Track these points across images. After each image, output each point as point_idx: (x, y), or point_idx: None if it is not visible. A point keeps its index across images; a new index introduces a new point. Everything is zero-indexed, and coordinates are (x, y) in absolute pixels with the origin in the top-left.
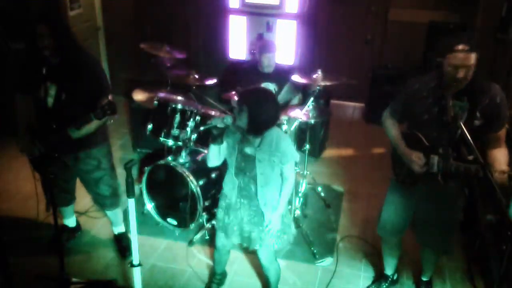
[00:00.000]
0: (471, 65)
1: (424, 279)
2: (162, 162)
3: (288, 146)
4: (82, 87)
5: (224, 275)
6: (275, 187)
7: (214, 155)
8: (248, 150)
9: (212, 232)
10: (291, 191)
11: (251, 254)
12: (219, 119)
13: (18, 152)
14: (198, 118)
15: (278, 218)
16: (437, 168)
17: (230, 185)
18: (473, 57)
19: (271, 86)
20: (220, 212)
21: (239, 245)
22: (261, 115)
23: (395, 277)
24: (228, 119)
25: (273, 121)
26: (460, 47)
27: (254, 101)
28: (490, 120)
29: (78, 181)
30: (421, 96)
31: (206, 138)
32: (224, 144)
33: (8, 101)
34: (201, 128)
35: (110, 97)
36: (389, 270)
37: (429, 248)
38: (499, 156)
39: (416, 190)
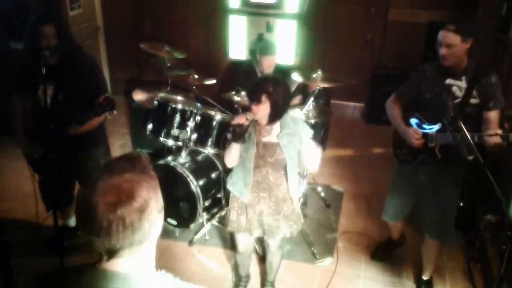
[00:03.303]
0: (451, 44)
1: (424, 278)
2: (162, 162)
3: (304, 126)
4: (80, 87)
5: (249, 277)
6: (297, 172)
7: (236, 154)
8: (266, 139)
9: (220, 232)
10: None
11: (254, 253)
12: (240, 116)
13: (18, 152)
14: (198, 118)
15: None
16: (434, 141)
17: (241, 183)
18: (454, 38)
19: None
20: (233, 215)
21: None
22: (281, 100)
23: (401, 241)
24: (250, 115)
25: (289, 104)
26: (449, 26)
27: (273, 89)
28: (486, 99)
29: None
30: (426, 75)
31: (219, 138)
32: None
33: (8, 101)
34: (227, 132)
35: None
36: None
37: (432, 238)
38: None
39: (417, 172)
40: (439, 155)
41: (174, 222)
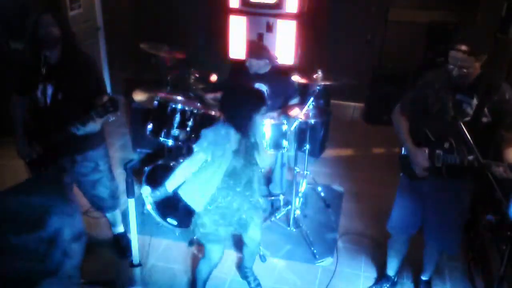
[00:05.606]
0: (468, 66)
1: (424, 278)
2: (162, 162)
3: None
4: (79, 87)
5: None
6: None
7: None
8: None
9: None
10: None
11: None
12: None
13: (17, 154)
14: (198, 118)
15: None
16: (441, 161)
17: (197, 194)
18: (471, 60)
19: (263, 87)
20: (210, 227)
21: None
22: (236, 113)
23: (395, 279)
24: (156, 194)
25: (250, 111)
26: (462, 47)
27: (227, 106)
28: (499, 118)
29: None
30: (434, 87)
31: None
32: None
33: (7, 101)
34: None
35: (106, 97)
36: (391, 271)
37: (435, 248)
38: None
39: (423, 186)
40: (446, 175)
41: (174, 222)
